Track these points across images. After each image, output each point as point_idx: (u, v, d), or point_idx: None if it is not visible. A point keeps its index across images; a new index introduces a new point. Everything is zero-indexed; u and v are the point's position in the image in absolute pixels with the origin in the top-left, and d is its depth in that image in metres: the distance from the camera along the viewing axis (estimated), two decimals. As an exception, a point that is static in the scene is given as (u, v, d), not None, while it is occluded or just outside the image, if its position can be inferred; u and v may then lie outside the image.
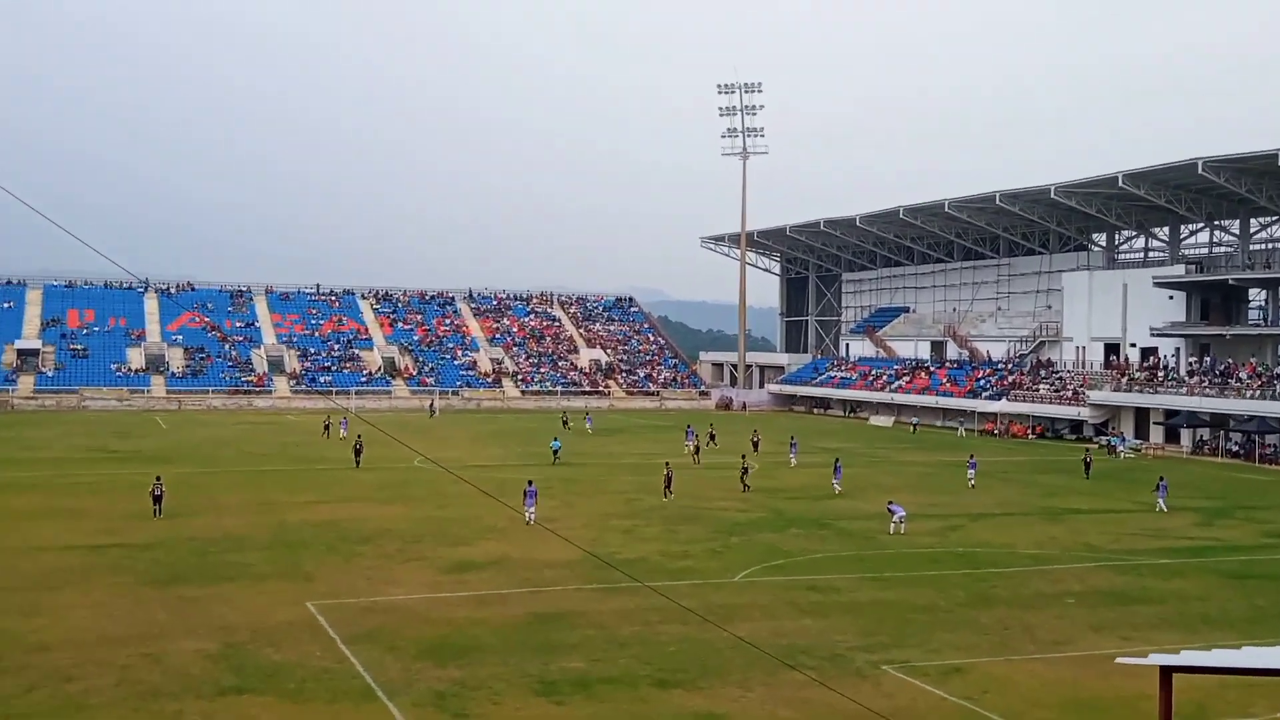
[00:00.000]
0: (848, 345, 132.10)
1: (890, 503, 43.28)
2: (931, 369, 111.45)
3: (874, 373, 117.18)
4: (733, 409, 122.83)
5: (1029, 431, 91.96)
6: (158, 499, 43.43)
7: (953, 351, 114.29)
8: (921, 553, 38.07)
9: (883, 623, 28.33)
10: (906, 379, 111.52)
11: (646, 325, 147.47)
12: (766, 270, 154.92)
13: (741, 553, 37.48)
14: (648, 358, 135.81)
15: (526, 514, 41.09)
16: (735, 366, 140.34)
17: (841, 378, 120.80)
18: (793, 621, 28.35)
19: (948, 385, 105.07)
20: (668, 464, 53.83)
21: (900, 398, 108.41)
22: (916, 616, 29.05)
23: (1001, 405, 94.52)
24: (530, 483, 43.59)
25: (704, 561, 35.86)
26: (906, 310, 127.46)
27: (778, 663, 23.61)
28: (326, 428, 77.73)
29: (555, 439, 69.05)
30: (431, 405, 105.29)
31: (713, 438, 75.15)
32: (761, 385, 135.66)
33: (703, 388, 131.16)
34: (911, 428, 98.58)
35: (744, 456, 55.33)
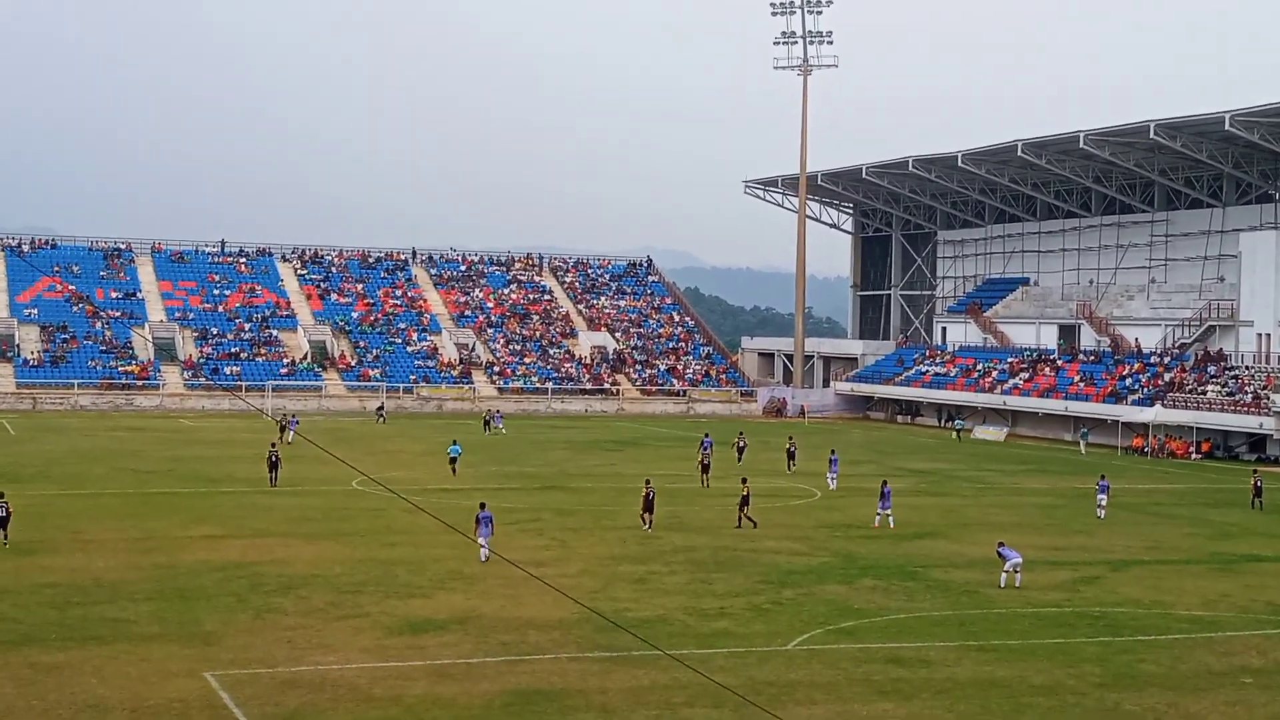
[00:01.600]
0: (944, 329, 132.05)
1: (1001, 545, 43.16)
2: (1059, 362, 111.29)
3: (980, 367, 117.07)
4: (786, 415, 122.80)
5: (1191, 449, 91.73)
6: (2, 522, 43.94)
7: (1088, 339, 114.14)
8: (1043, 613, 37.91)
9: (988, 709, 28.23)
10: (1024, 376, 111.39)
11: (670, 300, 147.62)
12: (834, 226, 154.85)
13: (797, 611, 37.36)
14: (671, 344, 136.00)
15: (481, 549, 42.46)
16: (790, 358, 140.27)
17: (936, 374, 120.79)
18: (866, 705, 28.28)
19: (1080, 385, 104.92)
20: (648, 481, 54.31)
21: (1016, 401, 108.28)
22: (1036, 700, 28.96)
23: (1154, 413, 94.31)
24: (483, 506, 44.48)
25: (746, 623, 35.78)
26: (1025, 282, 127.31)
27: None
28: (282, 429, 79.49)
29: (455, 443, 70.18)
30: (380, 408, 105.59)
31: (792, 456, 75.33)
32: (826, 383, 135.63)
33: (746, 386, 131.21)
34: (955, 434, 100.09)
35: (744, 481, 55.32)
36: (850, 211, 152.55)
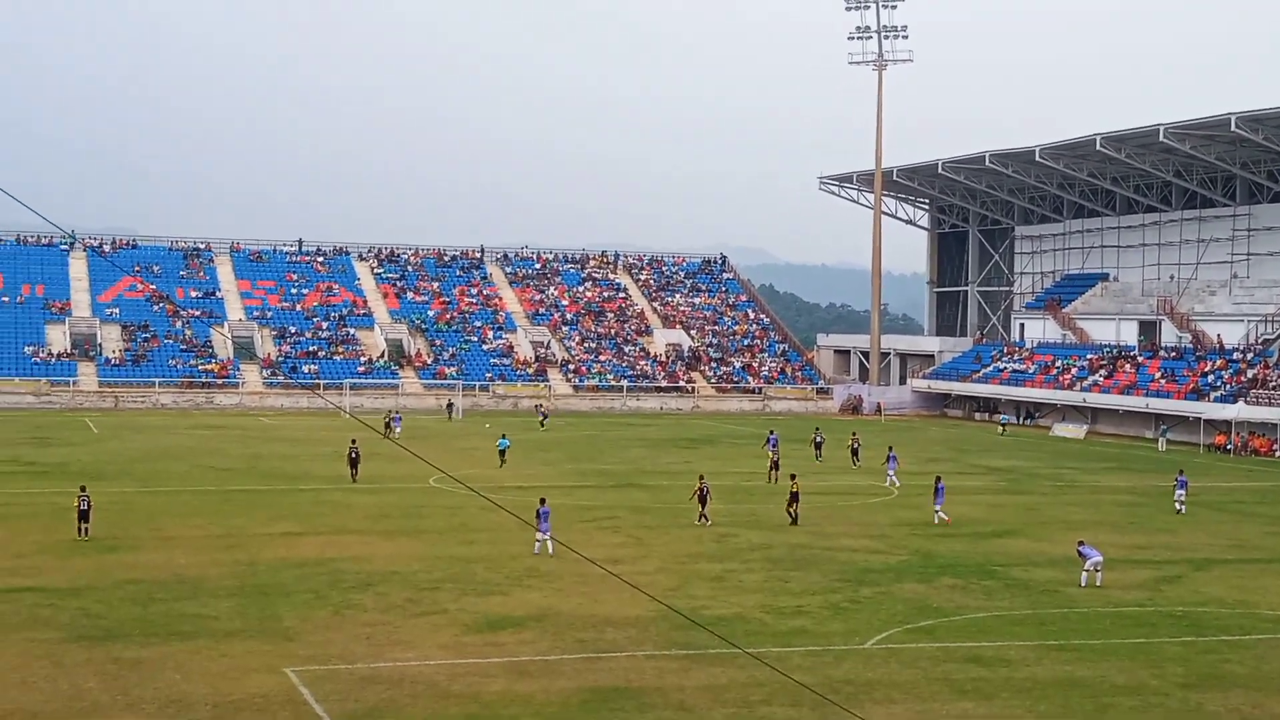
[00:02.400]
0: (1022, 326, 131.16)
1: (1081, 544, 42.80)
2: (1139, 359, 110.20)
3: (1059, 363, 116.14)
4: (863, 413, 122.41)
5: (1275, 446, 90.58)
6: (84, 515, 45.41)
7: (1169, 335, 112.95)
8: (1125, 613, 37.61)
9: (1070, 709, 28.03)
10: (1104, 373, 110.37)
11: (745, 298, 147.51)
12: (910, 223, 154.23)
13: (875, 610, 37.26)
14: (746, 342, 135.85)
15: (537, 541, 43.43)
16: (866, 355, 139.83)
17: (1014, 370, 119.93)
18: (946, 704, 28.15)
19: (1161, 382, 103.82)
20: (701, 477, 54.38)
21: (1096, 398, 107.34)
22: (1118, 700, 28.72)
23: (1237, 410, 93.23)
24: (543, 501, 44.89)
25: (824, 621, 35.72)
26: (1104, 278, 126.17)
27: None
28: (387, 425, 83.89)
29: (503, 437, 72.57)
30: (450, 405, 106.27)
31: (855, 452, 75.18)
32: (903, 380, 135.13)
33: (821, 383, 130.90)
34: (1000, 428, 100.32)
35: (793, 478, 55.19)
36: (926, 207, 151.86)
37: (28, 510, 49.73)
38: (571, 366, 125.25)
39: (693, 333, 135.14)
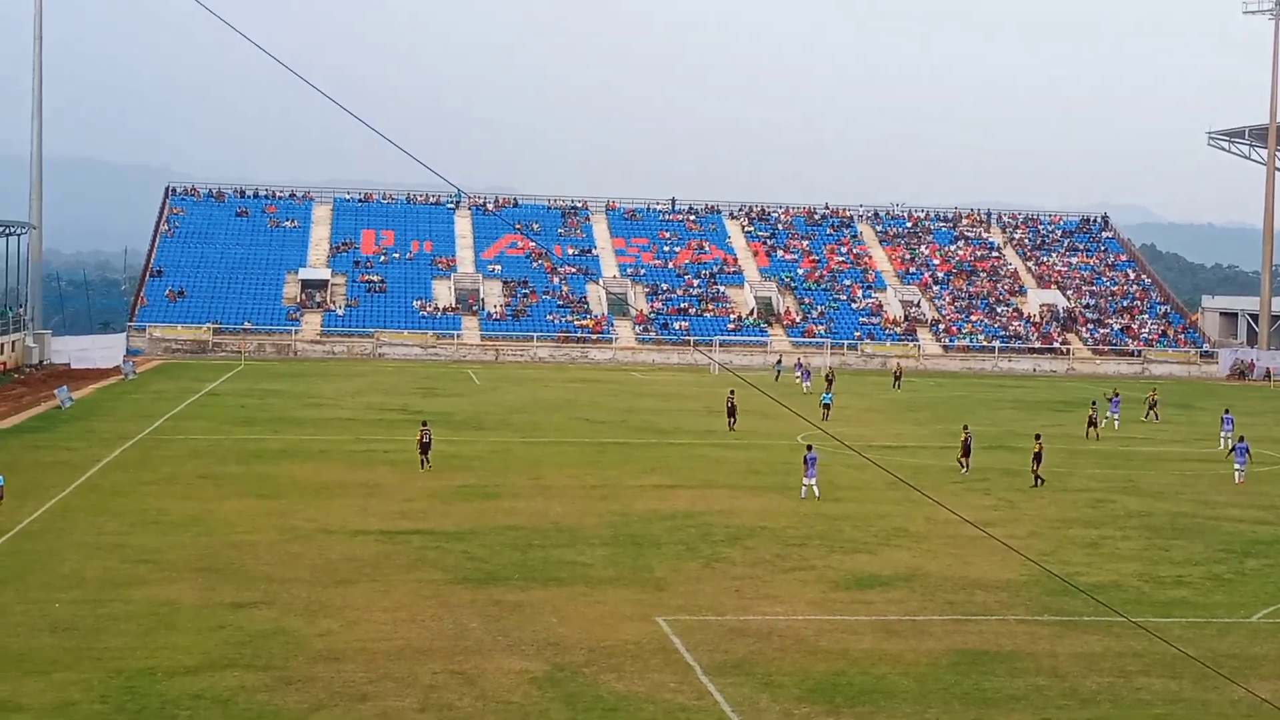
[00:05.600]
0: None
1: None
2: None
3: None
4: (1250, 379, 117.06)
5: None
6: (425, 448, 50.78)
7: None
8: None
9: None
10: None
11: (1125, 258, 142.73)
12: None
13: (1263, 582, 35.83)
14: (1125, 303, 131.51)
15: (804, 486, 46.62)
16: (1255, 317, 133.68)
17: None
18: (1340, 685, 26.83)
19: None
20: (965, 427, 56.40)
21: None
22: None
23: None
24: (810, 448, 47.49)
25: (1205, 592, 34.54)
26: None
27: (1317, 742, 22.42)
28: (779, 374, 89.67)
29: (827, 392, 76.33)
30: (778, 362, 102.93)
31: (1152, 407, 76.56)
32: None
33: (1206, 347, 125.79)
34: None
35: (1038, 438, 52.69)
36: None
37: (416, 456, 51.96)
38: (941, 326, 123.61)
39: (1069, 293, 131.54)
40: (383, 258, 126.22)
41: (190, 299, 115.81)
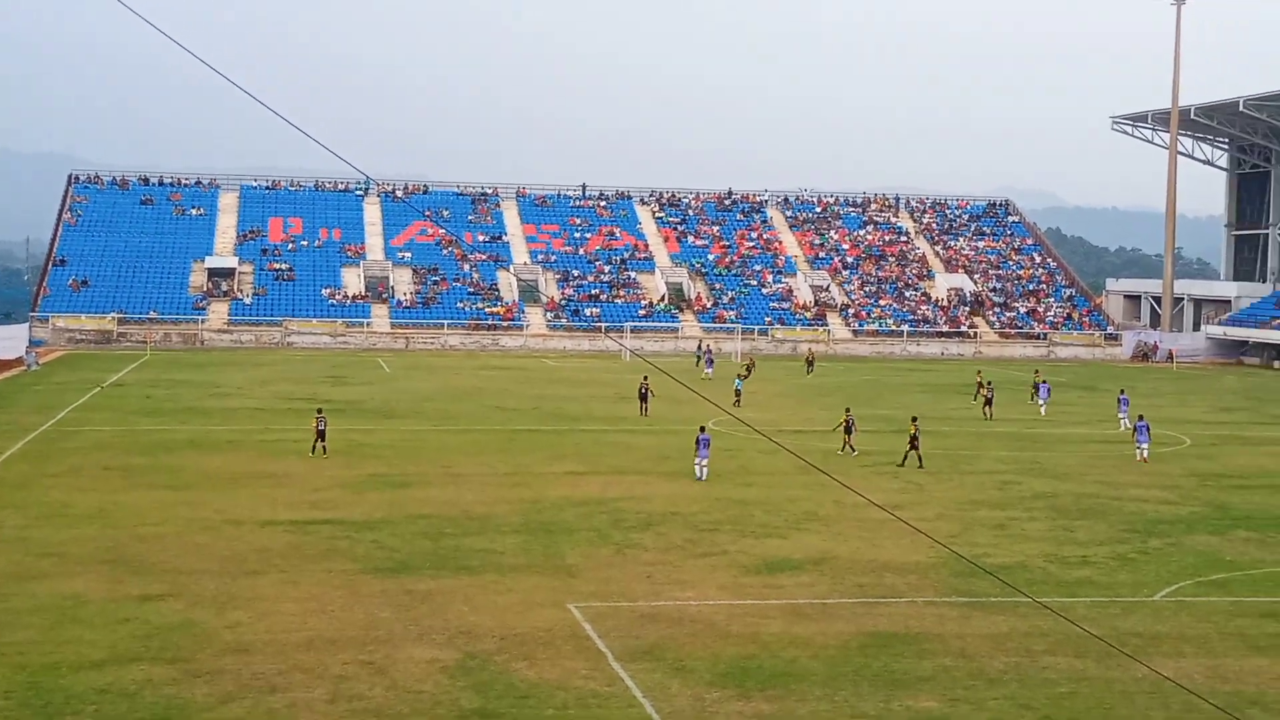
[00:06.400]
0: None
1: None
2: None
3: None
4: (1153, 361, 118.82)
5: None
6: (321, 434, 51.21)
7: None
8: None
9: (1375, 669, 26.92)
10: None
11: (1031, 242, 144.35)
12: (1207, 163, 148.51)
13: (1165, 562, 36.33)
14: (1031, 287, 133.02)
15: (697, 468, 47.28)
16: (1158, 300, 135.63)
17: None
18: (1239, 660, 27.31)
19: None
20: (847, 410, 57.17)
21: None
22: None
23: None
24: (702, 429, 48.05)
25: (1110, 572, 34.98)
26: None
27: (1218, 714, 22.79)
28: (697, 361, 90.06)
29: (740, 377, 75.29)
30: (703, 350, 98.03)
31: (1036, 388, 75.28)
32: (1196, 327, 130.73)
33: (1110, 329, 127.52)
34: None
35: (914, 420, 53.50)
36: (1225, 147, 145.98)
37: (318, 445, 51.64)
38: (851, 311, 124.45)
39: (976, 277, 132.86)
40: (291, 245, 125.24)
41: (94, 288, 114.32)
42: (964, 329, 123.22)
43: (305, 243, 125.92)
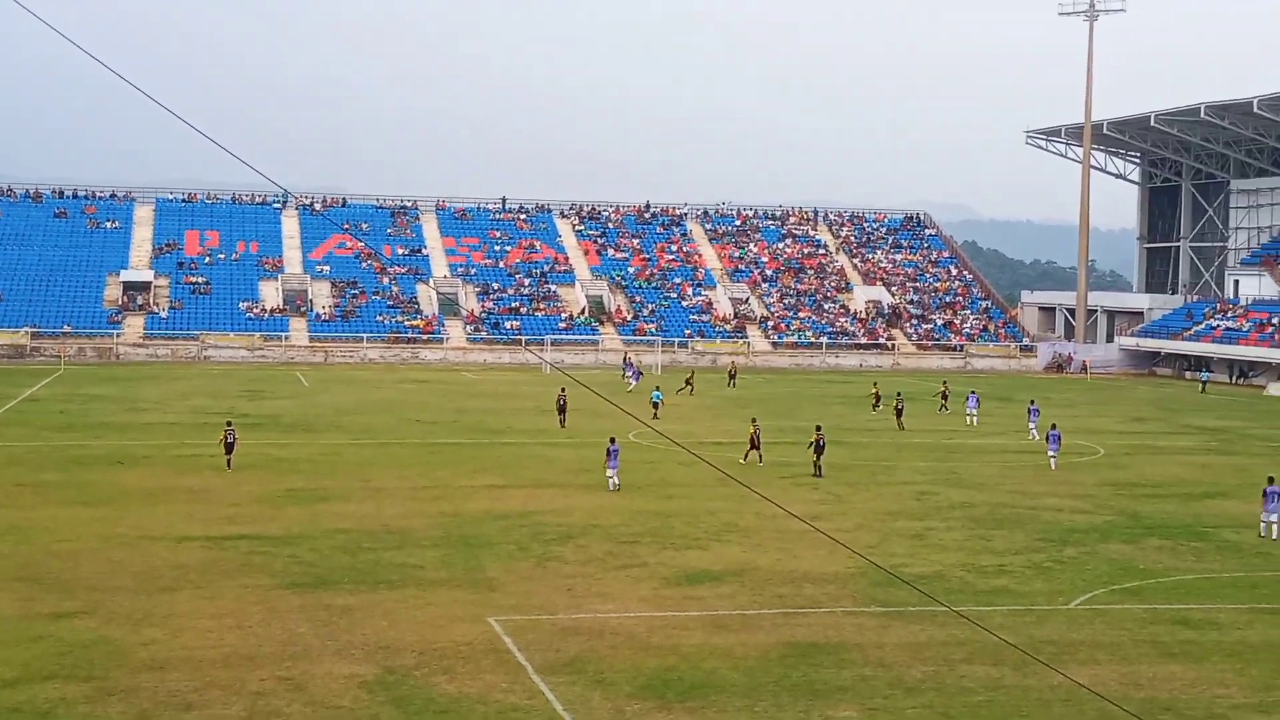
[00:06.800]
0: (1236, 282, 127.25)
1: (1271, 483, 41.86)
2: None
3: (1276, 321, 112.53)
4: (1068, 372, 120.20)
5: None
6: (229, 447, 50.66)
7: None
8: (1343, 578, 36.45)
9: (1284, 674, 27.36)
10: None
11: (947, 254, 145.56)
12: (1119, 176, 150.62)
13: (1079, 570, 36.73)
14: (948, 299, 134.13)
15: (609, 479, 47.63)
16: (1072, 312, 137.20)
17: (1227, 329, 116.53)
18: (1153, 666, 27.68)
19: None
20: (754, 420, 56.70)
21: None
22: (1335, 667, 27.90)
23: None
24: (613, 440, 48.40)
25: (1026, 581, 35.32)
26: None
27: (1131, 722, 23.09)
28: (624, 374, 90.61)
29: (657, 389, 73.86)
30: (626, 363, 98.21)
31: (945, 398, 78.86)
32: (1110, 338, 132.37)
33: (1025, 341, 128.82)
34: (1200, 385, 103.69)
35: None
36: (1137, 161, 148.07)
37: (243, 461, 51.26)
38: (770, 323, 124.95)
39: (893, 290, 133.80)
40: (207, 259, 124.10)
41: (7, 302, 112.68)
42: (882, 341, 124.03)
43: (222, 256, 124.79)
